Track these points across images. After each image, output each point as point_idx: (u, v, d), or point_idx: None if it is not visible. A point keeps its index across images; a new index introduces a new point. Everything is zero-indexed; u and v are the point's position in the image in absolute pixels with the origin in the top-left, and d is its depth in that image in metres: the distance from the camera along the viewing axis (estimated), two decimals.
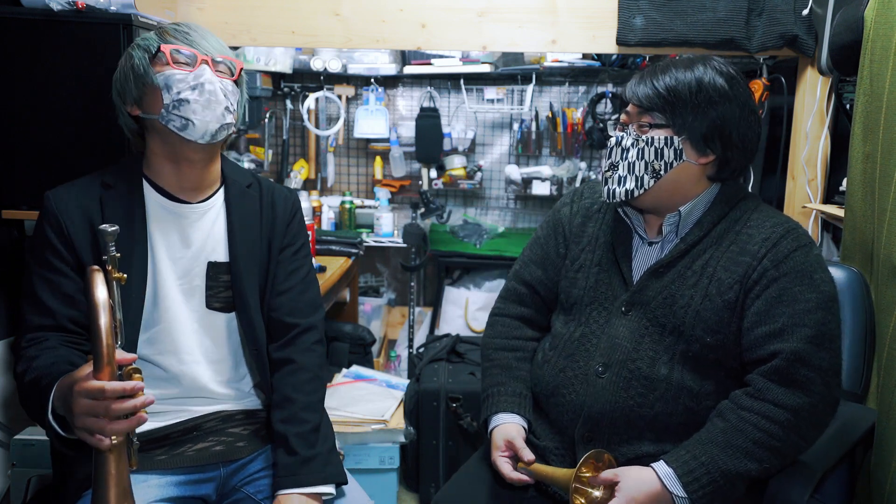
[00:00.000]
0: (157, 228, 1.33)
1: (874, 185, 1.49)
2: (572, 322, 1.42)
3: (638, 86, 1.31)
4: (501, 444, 1.38)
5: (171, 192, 1.35)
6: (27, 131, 1.69)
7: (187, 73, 1.28)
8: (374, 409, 2.27)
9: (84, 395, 1.01)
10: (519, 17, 2.19)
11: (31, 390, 1.18)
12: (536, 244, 1.53)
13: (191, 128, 1.28)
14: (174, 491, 1.29)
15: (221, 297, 1.37)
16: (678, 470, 1.22)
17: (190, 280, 1.36)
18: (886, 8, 1.48)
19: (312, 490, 1.29)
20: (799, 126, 2.20)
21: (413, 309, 3.58)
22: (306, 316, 1.43)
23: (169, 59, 1.29)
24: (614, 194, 1.33)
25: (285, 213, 1.45)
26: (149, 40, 1.31)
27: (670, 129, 1.29)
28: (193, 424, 1.35)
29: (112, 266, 1.06)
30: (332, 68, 3.27)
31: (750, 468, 1.22)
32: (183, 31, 1.31)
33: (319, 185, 3.74)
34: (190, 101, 1.27)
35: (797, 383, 1.23)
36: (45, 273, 1.28)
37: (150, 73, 1.28)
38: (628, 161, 1.31)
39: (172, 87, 1.27)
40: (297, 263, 1.45)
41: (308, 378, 1.39)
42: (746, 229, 1.31)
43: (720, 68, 1.30)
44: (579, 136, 3.53)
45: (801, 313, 1.24)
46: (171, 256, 1.34)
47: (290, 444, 1.31)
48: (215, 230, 1.38)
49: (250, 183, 1.44)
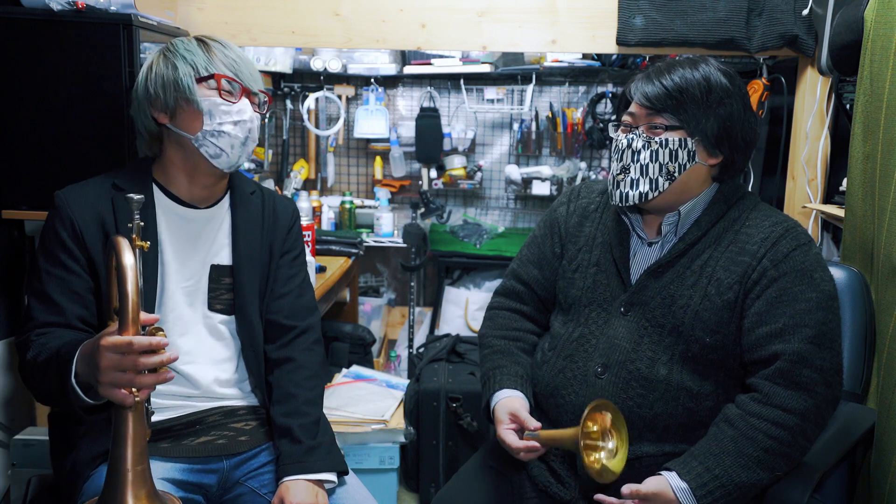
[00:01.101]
0: (165, 232, 1.35)
1: (874, 185, 1.49)
2: (571, 322, 1.42)
3: (644, 86, 1.30)
4: (505, 417, 1.35)
5: (181, 198, 1.38)
6: (27, 131, 1.69)
7: (231, 106, 1.31)
8: (374, 409, 2.27)
9: (111, 349, 1.02)
10: (519, 17, 2.19)
11: (47, 365, 1.18)
12: (533, 243, 1.53)
13: (223, 158, 1.32)
14: (178, 475, 1.30)
15: (223, 299, 1.40)
16: (692, 483, 1.20)
17: (194, 283, 1.38)
18: (886, 8, 1.48)
19: (317, 477, 1.31)
20: (799, 126, 2.20)
21: (413, 309, 3.58)
22: (304, 318, 1.47)
23: (219, 88, 1.31)
24: (627, 198, 1.31)
25: (286, 220, 1.50)
26: (194, 54, 1.31)
27: (684, 131, 1.28)
28: (196, 418, 1.37)
29: (136, 234, 1.07)
30: (332, 68, 3.27)
31: (762, 477, 1.22)
32: (231, 59, 1.32)
33: (319, 185, 3.74)
34: (230, 134, 1.31)
35: (801, 385, 1.22)
36: (55, 270, 1.28)
37: (196, 93, 1.30)
38: (641, 164, 1.29)
39: (215, 117, 1.30)
40: (295, 269, 1.50)
41: (308, 375, 1.42)
42: (745, 228, 1.31)
43: (720, 67, 1.31)
44: (579, 136, 3.53)
45: (801, 313, 1.24)
46: (178, 259, 1.36)
47: (295, 434, 1.34)
48: (220, 234, 1.41)
49: (253, 190, 1.47)
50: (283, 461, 1.33)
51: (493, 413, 1.39)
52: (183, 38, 1.36)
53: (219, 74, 1.30)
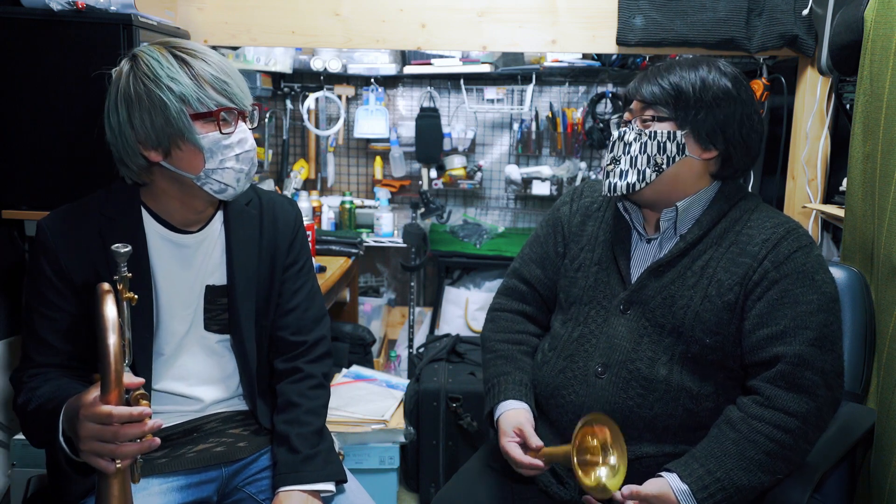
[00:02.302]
0: (157, 258, 1.29)
1: (874, 185, 1.49)
2: (570, 322, 1.42)
3: (642, 83, 1.32)
4: (510, 430, 1.35)
5: (171, 224, 1.30)
6: (27, 131, 1.69)
7: (230, 136, 1.21)
8: (374, 409, 2.27)
9: (91, 419, 0.99)
10: (519, 17, 2.19)
11: (35, 416, 1.16)
12: (536, 243, 1.53)
13: (229, 192, 1.25)
14: (176, 497, 1.29)
15: (219, 319, 1.35)
16: (693, 486, 1.20)
17: (189, 305, 1.33)
18: (886, 8, 1.48)
19: (313, 487, 1.29)
20: (799, 126, 2.20)
21: (413, 309, 3.58)
22: (311, 332, 1.43)
23: (219, 124, 1.20)
24: (615, 188, 1.32)
25: (287, 230, 1.41)
26: (180, 83, 1.16)
27: (673, 123, 1.29)
28: (194, 426, 1.35)
29: (123, 286, 1.04)
30: (332, 68, 3.27)
31: (763, 480, 1.22)
32: (221, 81, 1.19)
33: (319, 185, 3.74)
34: (234, 169, 1.23)
35: (802, 388, 1.22)
36: (43, 310, 1.23)
37: (194, 132, 1.18)
38: (630, 155, 1.31)
39: (217, 154, 1.21)
40: (301, 281, 1.44)
41: (313, 385, 1.40)
42: (746, 230, 1.31)
43: (724, 70, 1.30)
44: (579, 136, 3.53)
45: (803, 315, 1.24)
46: (171, 285, 1.31)
47: (293, 442, 1.32)
48: (214, 254, 1.34)
49: (249, 200, 1.38)
50: (279, 470, 1.31)
51: (498, 423, 1.39)
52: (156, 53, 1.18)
53: (217, 110, 1.19)
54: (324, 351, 1.44)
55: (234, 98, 1.21)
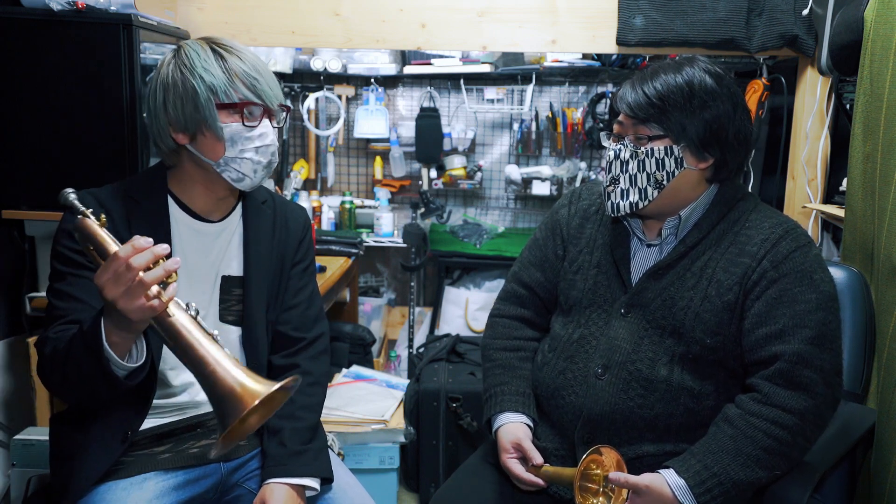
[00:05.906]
0: (178, 246, 1.34)
1: (874, 185, 1.49)
2: (571, 324, 1.42)
3: (628, 95, 1.29)
4: (509, 446, 1.36)
5: (195, 211, 1.36)
6: (27, 131, 1.69)
7: (252, 130, 1.28)
8: (374, 409, 2.27)
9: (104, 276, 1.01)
10: (519, 17, 2.19)
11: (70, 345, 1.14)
12: (535, 246, 1.53)
13: (246, 182, 1.31)
14: (173, 496, 1.29)
15: (233, 310, 1.39)
16: (690, 481, 1.20)
17: (206, 296, 1.36)
18: (886, 8, 1.48)
19: (298, 481, 1.30)
20: (799, 126, 2.20)
21: (413, 309, 3.58)
22: (311, 329, 1.46)
23: (242, 116, 1.27)
24: (618, 208, 1.32)
25: (297, 231, 1.48)
26: (213, 74, 1.25)
27: (668, 139, 1.28)
28: (197, 422, 1.37)
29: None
30: (332, 68, 3.27)
31: (760, 476, 1.22)
32: (252, 77, 1.27)
33: (319, 185, 3.74)
34: (253, 160, 1.29)
35: (800, 385, 1.22)
36: (73, 271, 1.25)
37: (217, 120, 1.25)
38: (629, 174, 1.30)
39: (237, 144, 1.27)
40: (305, 281, 1.49)
41: (310, 382, 1.42)
42: (745, 230, 1.31)
43: (707, 68, 1.29)
44: (579, 136, 3.53)
45: (801, 314, 1.24)
46: (190, 272, 1.34)
47: (284, 436, 1.34)
48: (231, 245, 1.39)
49: (265, 199, 1.45)
50: (268, 463, 1.32)
51: (497, 436, 1.40)
52: (197, 46, 1.28)
53: (241, 102, 1.26)
54: (322, 349, 1.47)
55: (263, 95, 1.28)
